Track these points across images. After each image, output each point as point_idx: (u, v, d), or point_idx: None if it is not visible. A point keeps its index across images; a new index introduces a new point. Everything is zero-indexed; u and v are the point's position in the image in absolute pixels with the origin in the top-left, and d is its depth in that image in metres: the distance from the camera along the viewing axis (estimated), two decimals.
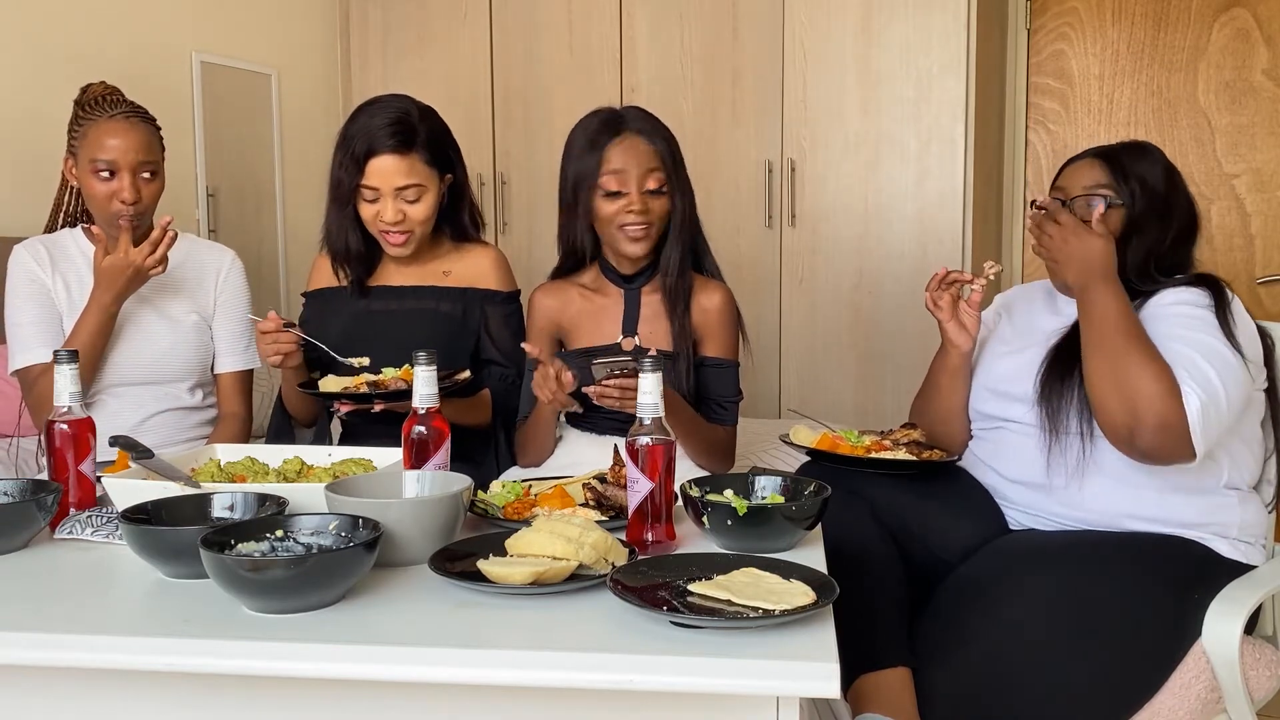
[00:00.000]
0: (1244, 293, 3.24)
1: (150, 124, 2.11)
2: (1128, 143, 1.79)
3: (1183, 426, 1.51)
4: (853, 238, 3.22)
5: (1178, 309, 1.64)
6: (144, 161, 2.05)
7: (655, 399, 1.35)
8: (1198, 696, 1.51)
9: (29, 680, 1.15)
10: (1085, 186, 1.74)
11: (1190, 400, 1.51)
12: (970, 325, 1.82)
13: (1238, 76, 3.22)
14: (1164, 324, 1.63)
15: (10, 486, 1.45)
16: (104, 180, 2.03)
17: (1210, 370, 1.54)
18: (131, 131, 2.05)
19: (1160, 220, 1.72)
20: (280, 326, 1.92)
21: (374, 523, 1.22)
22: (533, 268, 3.42)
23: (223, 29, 3.36)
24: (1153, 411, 1.52)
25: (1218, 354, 1.56)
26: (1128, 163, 1.74)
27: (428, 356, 1.48)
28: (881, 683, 1.52)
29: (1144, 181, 1.72)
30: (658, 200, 1.93)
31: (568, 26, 3.50)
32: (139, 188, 2.05)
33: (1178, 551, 1.61)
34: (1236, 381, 1.56)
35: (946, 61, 3.07)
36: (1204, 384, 1.53)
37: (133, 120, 2.06)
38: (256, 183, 3.49)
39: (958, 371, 1.85)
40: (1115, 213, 1.72)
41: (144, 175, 2.06)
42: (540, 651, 1.04)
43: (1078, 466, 1.66)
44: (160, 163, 2.11)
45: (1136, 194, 1.71)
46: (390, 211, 2.00)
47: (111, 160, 2.02)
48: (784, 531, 1.34)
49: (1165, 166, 1.76)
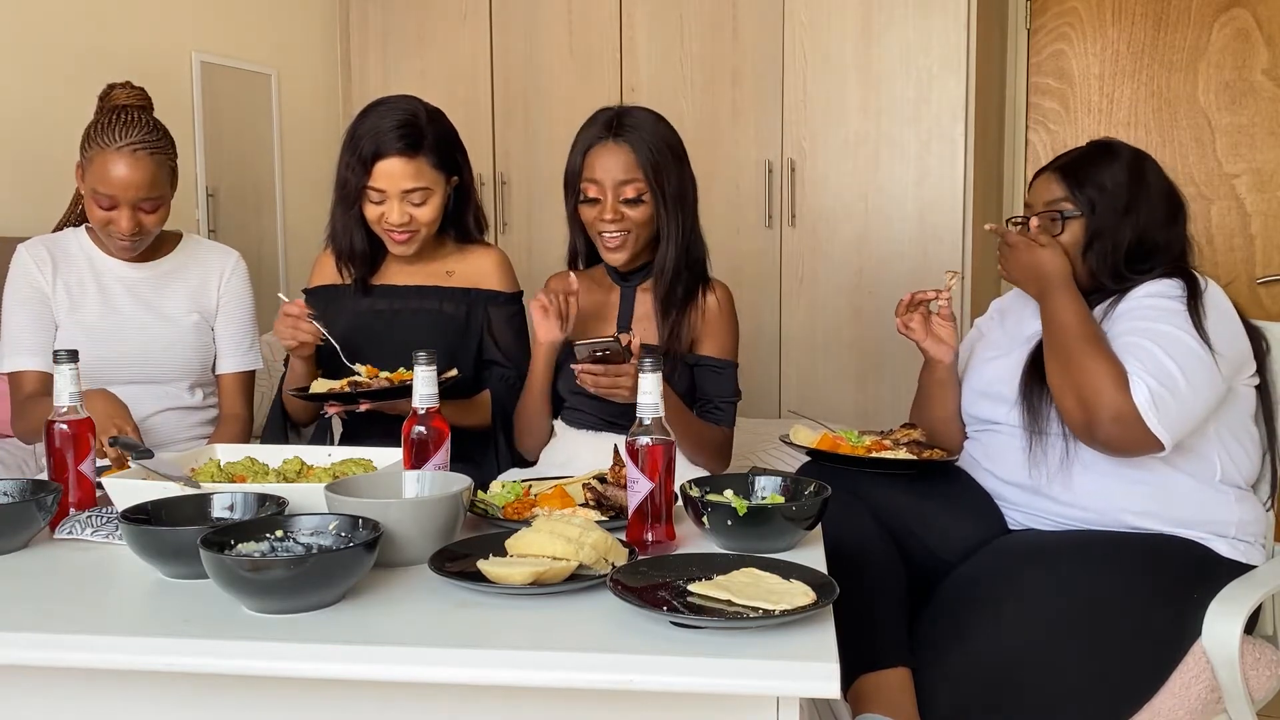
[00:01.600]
0: (1244, 293, 3.24)
1: (161, 154, 2.03)
2: (1091, 145, 1.81)
3: (1135, 415, 1.54)
4: (853, 238, 3.22)
5: (1147, 301, 1.66)
6: (145, 198, 2.01)
7: (655, 399, 1.35)
8: (1198, 696, 1.51)
9: (29, 680, 1.15)
10: (1045, 202, 1.78)
11: (1138, 390, 1.54)
12: (946, 337, 1.86)
13: (1238, 76, 3.22)
14: (1131, 318, 1.65)
15: (10, 486, 1.45)
16: (104, 210, 2.01)
17: (1165, 358, 1.56)
18: (136, 168, 1.98)
19: (1126, 215, 1.72)
20: (304, 314, 1.92)
21: (374, 523, 1.22)
22: (533, 268, 3.43)
23: (223, 29, 3.36)
24: (1102, 404, 1.55)
25: (1177, 342, 1.58)
26: (1085, 170, 1.76)
27: (428, 356, 1.48)
28: (881, 683, 1.52)
29: (1102, 187, 1.74)
30: (636, 209, 1.93)
31: (568, 26, 3.50)
32: (139, 221, 2.02)
33: (1177, 551, 1.61)
34: (1201, 372, 1.57)
35: (946, 61, 3.06)
36: (1157, 372, 1.55)
37: (139, 155, 1.98)
38: (256, 183, 3.49)
39: (945, 383, 1.88)
40: (1076, 223, 1.74)
41: (145, 209, 2.02)
42: (540, 651, 1.04)
43: (1061, 465, 1.67)
44: (167, 194, 2.06)
45: (1095, 200, 1.73)
46: (396, 214, 2.00)
47: (112, 195, 1.98)
48: (784, 531, 1.34)
49: (1130, 162, 1.76)
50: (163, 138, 2.05)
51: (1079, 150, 1.81)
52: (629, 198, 1.92)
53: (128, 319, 2.12)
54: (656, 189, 1.93)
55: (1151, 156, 1.80)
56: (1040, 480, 1.69)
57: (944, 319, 1.85)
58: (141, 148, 1.99)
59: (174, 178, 2.09)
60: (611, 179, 1.91)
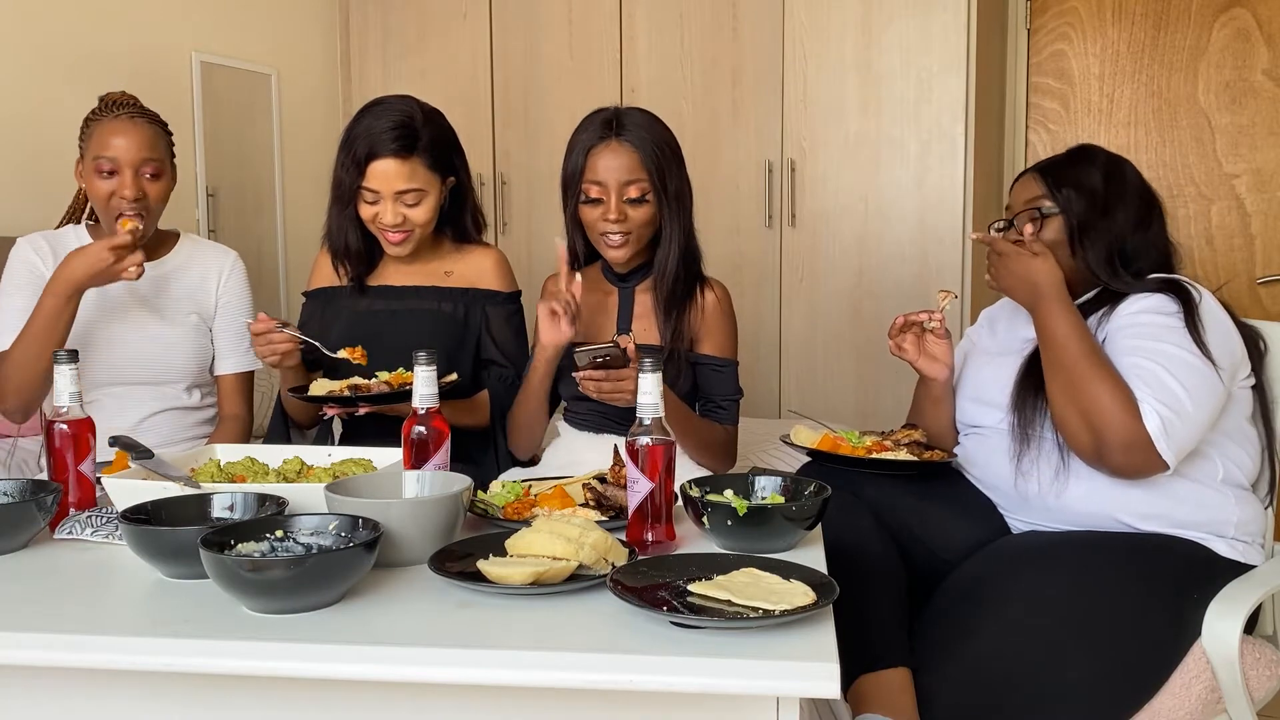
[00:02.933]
0: (1244, 293, 3.24)
1: (157, 125, 2.08)
2: (1069, 151, 1.84)
3: (1146, 442, 1.54)
4: (853, 238, 3.22)
5: (1143, 317, 1.64)
6: (147, 159, 2.03)
7: (655, 399, 1.35)
8: (1198, 696, 1.51)
9: (29, 680, 1.14)
10: (1025, 201, 1.80)
11: (1150, 418, 1.53)
12: (941, 354, 1.85)
13: (1238, 76, 3.22)
14: (1128, 335, 1.64)
15: (10, 486, 1.45)
16: (106, 178, 2.02)
17: (1172, 382, 1.55)
18: (134, 130, 2.03)
19: (1105, 215, 1.73)
20: (272, 327, 1.91)
21: (374, 523, 1.22)
22: (533, 268, 3.43)
23: (223, 29, 3.36)
24: (1114, 431, 1.55)
25: (1182, 363, 1.57)
26: (1063, 171, 1.78)
27: (428, 356, 1.48)
28: (881, 683, 1.52)
29: (1079, 185, 1.75)
30: (639, 209, 1.92)
31: (568, 26, 3.50)
32: (141, 185, 2.03)
33: (1177, 551, 1.61)
34: (1205, 389, 1.57)
35: (946, 61, 3.07)
36: (1166, 398, 1.54)
37: (137, 120, 2.04)
38: (256, 183, 3.49)
39: (940, 399, 1.88)
40: (1054, 221, 1.75)
41: (147, 174, 2.04)
42: (540, 651, 1.04)
43: (1056, 477, 1.67)
44: (166, 162, 2.09)
45: (1072, 198, 1.74)
46: (390, 214, 2.00)
47: (113, 158, 2.01)
48: (784, 532, 1.34)
49: (1106, 164, 1.78)
50: (158, 118, 2.11)
51: (1058, 155, 1.85)
52: (632, 197, 1.91)
53: (127, 319, 2.12)
54: (660, 189, 1.93)
55: (1130, 162, 1.81)
56: (1030, 490, 1.69)
57: (939, 337, 1.84)
58: (138, 115, 2.06)
59: (172, 155, 2.11)
60: (615, 179, 1.91)
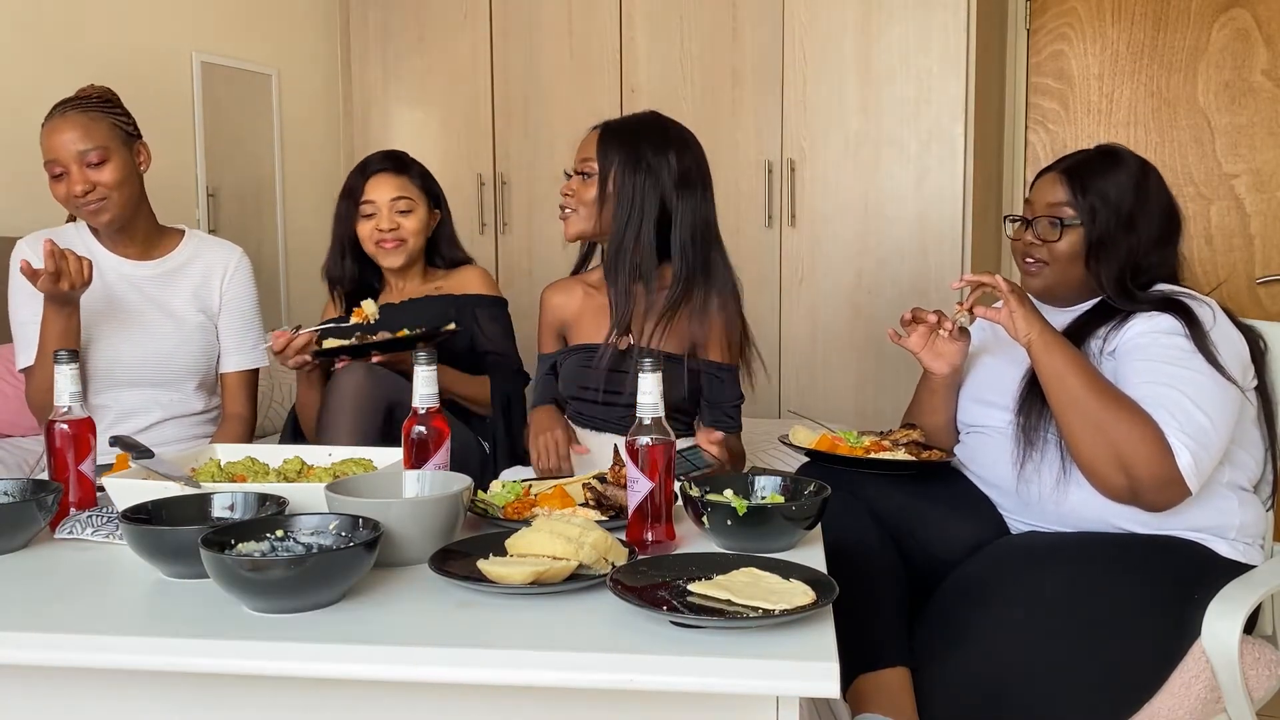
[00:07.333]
0: (1244, 293, 3.24)
1: (94, 110, 2.00)
2: (1098, 150, 1.78)
3: (1179, 479, 1.53)
4: (853, 238, 3.22)
5: (1155, 339, 1.62)
6: (84, 150, 1.97)
7: (655, 399, 1.35)
8: (1197, 696, 1.51)
9: (29, 680, 1.15)
10: (1047, 204, 1.76)
11: (1182, 456, 1.52)
12: (950, 353, 1.83)
13: (1237, 76, 3.22)
14: (1142, 359, 1.61)
15: (10, 486, 1.45)
16: (59, 181, 1.99)
17: (1197, 412, 1.54)
18: (66, 125, 1.97)
19: (1127, 231, 1.71)
20: (288, 338, 2.03)
21: (374, 523, 1.22)
22: (533, 268, 3.43)
23: (223, 29, 3.36)
24: (1148, 474, 1.53)
25: (1203, 389, 1.56)
26: (1090, 177, 1.73)
27: (428, 356, 1.49)
28: (881, 683, 1.52)
29: (1105, 197, 1.71)
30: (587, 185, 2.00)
31: (568, 27, 3.50)
32: (88, 178, 1.98)
33: (1177, 552, 1.61)
34: (1229, 412, 1.57)
35: (946, 61, 3.06)
36: (1193, 430, 1.53)
37: (69, 114, 1.97)
38: (256, 183, 3.49)
39: (937, 391, 1.87)
40: (1074, 232, 1.73)
41: (90, 163, 1.98)
42: (540, 651, 1.04)
43: (1057, 485, 1.66)
44: (109, 147, 2.00)
45: (1097, 210, 1.71)
46: (385, 220, 2.28)
47: (54, 159, 1.97)
48: (784, 531, 1.34)
49: (1135, 174, 1.74)
50: (97, 101, 2.03)
51: (1085, 154, 1.78)
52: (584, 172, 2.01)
53: (134, 317, 2.11)
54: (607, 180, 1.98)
55: (1156, 169, 1.77)
56: (1031, 495, 1.69)
57: (955, 337, 1.81)
58: (70, 109, 2.01)
59: (122, 135, 2.04)
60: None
